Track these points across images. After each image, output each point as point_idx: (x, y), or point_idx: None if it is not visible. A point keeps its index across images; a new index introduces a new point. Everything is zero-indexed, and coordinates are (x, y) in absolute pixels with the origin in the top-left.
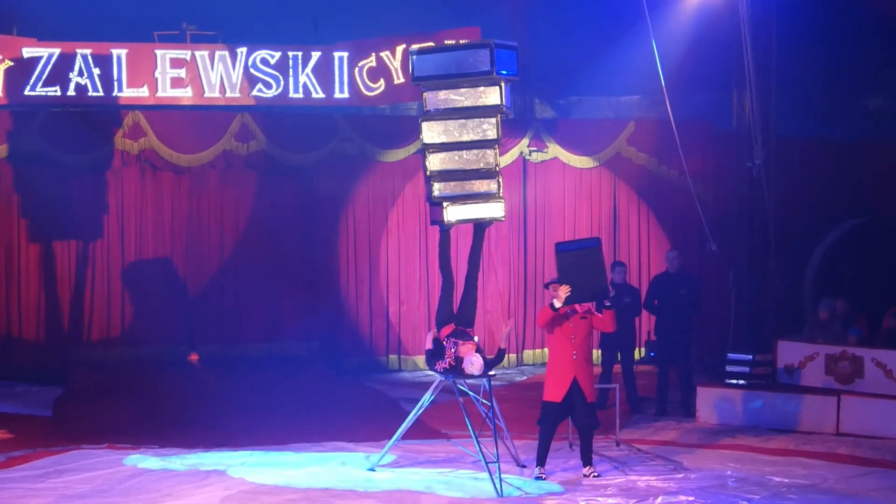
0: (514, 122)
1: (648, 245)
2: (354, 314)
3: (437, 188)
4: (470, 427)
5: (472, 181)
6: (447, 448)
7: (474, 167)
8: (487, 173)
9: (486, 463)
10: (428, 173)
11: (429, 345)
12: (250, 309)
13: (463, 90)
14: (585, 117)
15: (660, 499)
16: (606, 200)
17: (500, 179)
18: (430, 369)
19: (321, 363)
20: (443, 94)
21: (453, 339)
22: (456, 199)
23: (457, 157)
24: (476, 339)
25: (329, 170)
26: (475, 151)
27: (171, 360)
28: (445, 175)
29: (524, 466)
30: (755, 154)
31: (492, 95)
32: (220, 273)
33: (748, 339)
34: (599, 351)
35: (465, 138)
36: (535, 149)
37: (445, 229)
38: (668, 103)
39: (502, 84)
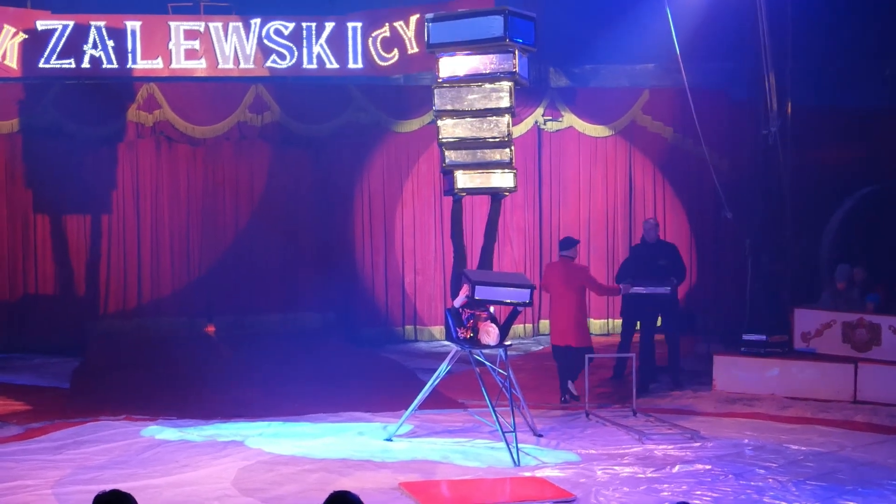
0: (529, 91)
1: (665, 213)
2: (370, 285)
3: (449, 156)
4: (486, 397)
5: (485, 150)
6: (464, 418)
7: (487, 136)
8: (500, 143)
9: (503, 433)
10: (440, 140)
11: (460, 301)
12: (266, 280)
13: (477, 57)
14: (600, 86)
15: (677, 467)
16: (622, 169)
17: (513, 149)
18: (450, 336)
19: (337, 334)
20: (457, 61)
21: (469, 311)
22: (467, 167)
23: (469, 125)
24: (491, 309)
25: (343, 140)
26: (488, 119)
27: (188, 332)
28: (458, 143)
29: (541, 436)
30: (770, 122)
31: (505, 63)
32: (236, 244)
33: (764, 307)
34: (619, 320)
35: (478, 106)
36: (549, 118)
37: (458, 198)
38: (683, 71)
39: (516, 51)
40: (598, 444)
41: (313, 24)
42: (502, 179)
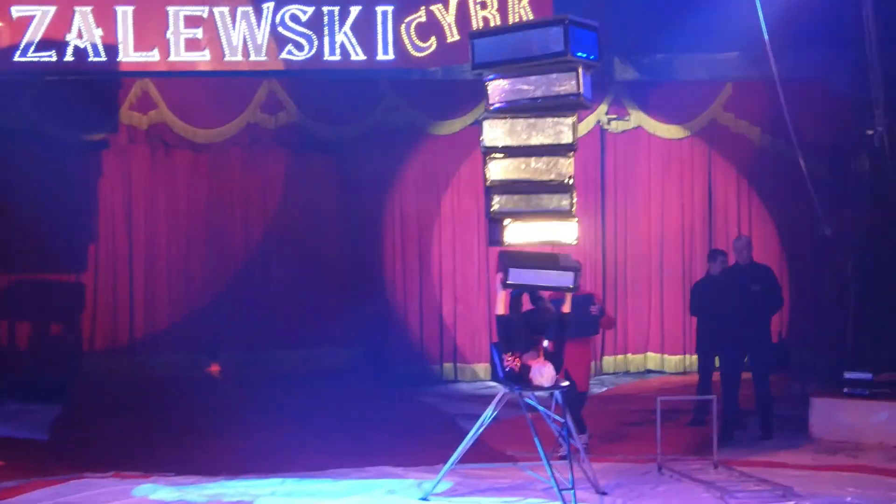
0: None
1: (750, 229)
2: (402, 315)
3: (498, 202)
4: (540, 448)
5: (541, 195)
6: (513, 473)
7: (544, 178)
8: (559, 186)
9: (560, 490)
10: (488, 184)
11: (501, 310)
12: (281, 310)
13: (532, 77)
14: (674, 78)
15: None
16: (700, 177)
17: (575, 195)
18: (496, 376)
19: (364, 373)
20: (508, 84)
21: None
22: (520, 214)
23: (523, 166)
24: (546, 342)
25: (372, 145)
26: (546, 159)
27: (188, 372)
28: (508, 186)
29: (605, 494)
30: (877, 120)
31: (567, 83)
32: (246, 268)
33: (871, 340)
34: (696, 356)
35: (535, 142)
36: (614, 116)
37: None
38: (772, 60)
39: (580, 69)
40: None
41: (336, 9)
42: (562, 231)
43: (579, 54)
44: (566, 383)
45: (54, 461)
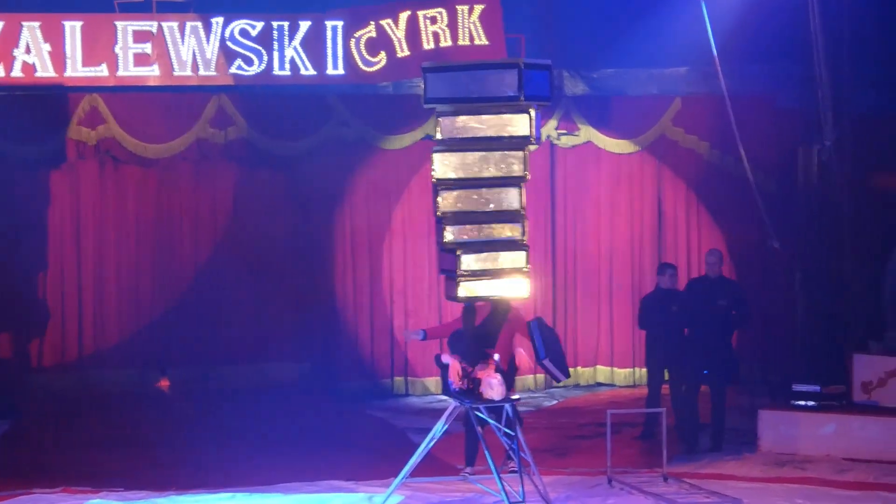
0: None
1: (699, 243)
2: (353, 330)
3: (450, 232)
4: (490, 461)
5: (492, 225)
6: (464, 486)
7: (495, 209)
8: (511, 216)
9: (510, 503)
10: (439, 214)
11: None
12: (231, 325)
13: (485, 117)
14: (623, 93)
15: None
16: (650, 191)
17: (526, 224)
18: (447, 390)
19: (314, 388)
20: (460, 121)
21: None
22: (471, 246)
23: (475, 196)
24: (497, 357)
25: (322, 160)
26: (497, 190)
27: (138, 388)
28: (461, 217)
29: None
30: (825, 135)
31: (519, 124)
32: (196, 284)
33: (819, 353)
34: (645, 369)
35: (486, 174)
36: (564, 131)
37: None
38: (720, 75)
39: (531, 112)
40: None
41: (286, 24)
42: (513, 260)
43: (532, 97)
44: (517, 397)
45: (3, 478)
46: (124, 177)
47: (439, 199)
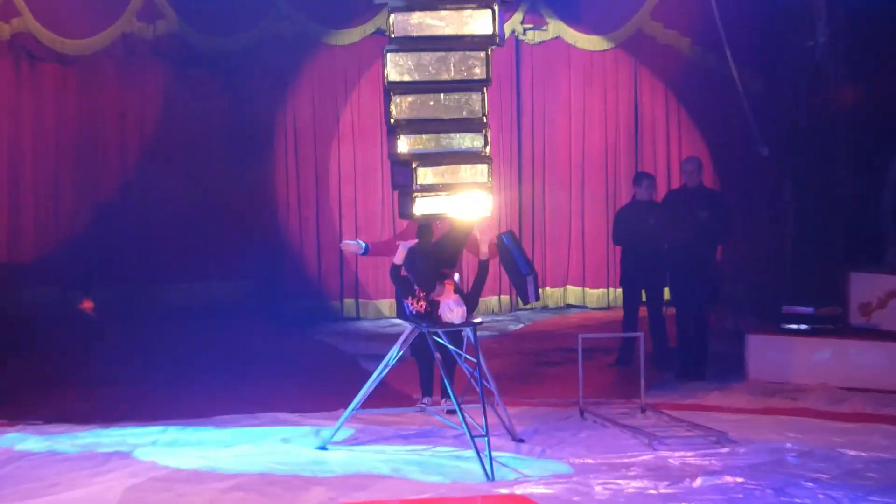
0: None
1: (680, 150)
2: (298, 246)
3: (405, 143)
4: (450, 391)
5: (452, 134)
6: (421, 418)
7: (454, 116)
8: (472, 125)
9: (472, 437)
10: (392, 122)
11: (398, 260)
12: (162, 239)
13: (443, 13)
14: None
15: (699, 480)
16: (625, 93)
17: (488, 134)
18: (402, 313)
19: (255, 310)
20: (416, 18)
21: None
22: (428, 158)
23: (432, 102)
24: (457, 277)
25: (262, 58)
26: (456, 95)
27: (58, 309)
28: (416, 126)
29: (521, 441)
30: (817, 31)
31: (481, 21)
32: (122, 195)
33: (811, 271)
34: (620, 290)
35: (444, 77)
36: (530, 26)
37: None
38: None
39: (495, 7)
40: (597, 452)
41: None
42: (473, 174)
43: None
44: (479, 320)
45: None
46: (42, 76)
47: (392, 105)
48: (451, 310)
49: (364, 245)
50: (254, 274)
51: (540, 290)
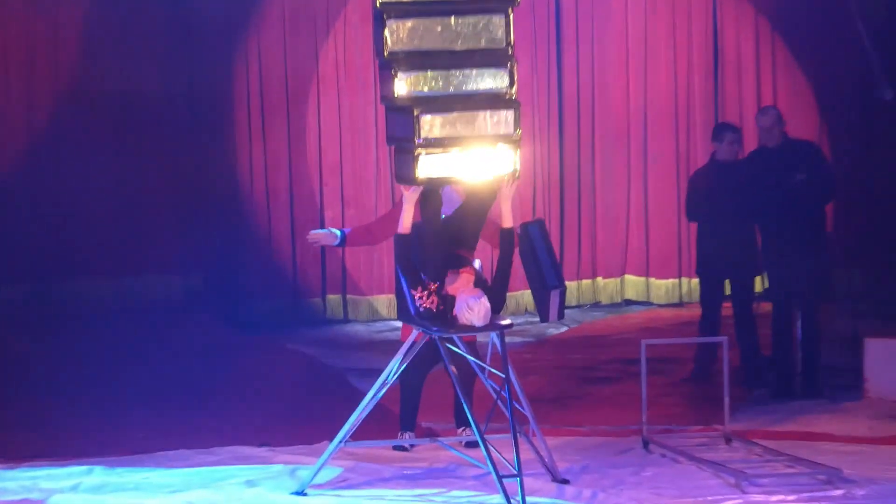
0: None
1: (774, 95)
2: (265, 227)
3: (403, 82)
4: (470, 417)
5: (466, 70)
6: (431, 452)
7: (470, 45)
8: (494, 57)
9: (500, 478)
10: (386, 54)
11: (403, 228)
12: (88, 223)
13: None
14: None
15: None
16: (700, 19)
17: (516, 70)
18: (404, 313)
19: (208, 310)
20: None
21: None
22: (435, 102)
23: (439, 28)
24: (478, 263)
25: None
26: (472, 18)
27: None
28: (419, 59)
29: (566, 482)
30: None
31: None
32: (30, 159)
33: None
34: (697, 280)
35: None
36: None
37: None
38: None
39: None
40: (667, 495)
41: None
42: (495, 123)
43: None
44: (508, 322)
45: None
46: None
47: (386, 31)
48: (471, 308)
49: (339, 233)
50: (206, 266)
51: (587, 281)
